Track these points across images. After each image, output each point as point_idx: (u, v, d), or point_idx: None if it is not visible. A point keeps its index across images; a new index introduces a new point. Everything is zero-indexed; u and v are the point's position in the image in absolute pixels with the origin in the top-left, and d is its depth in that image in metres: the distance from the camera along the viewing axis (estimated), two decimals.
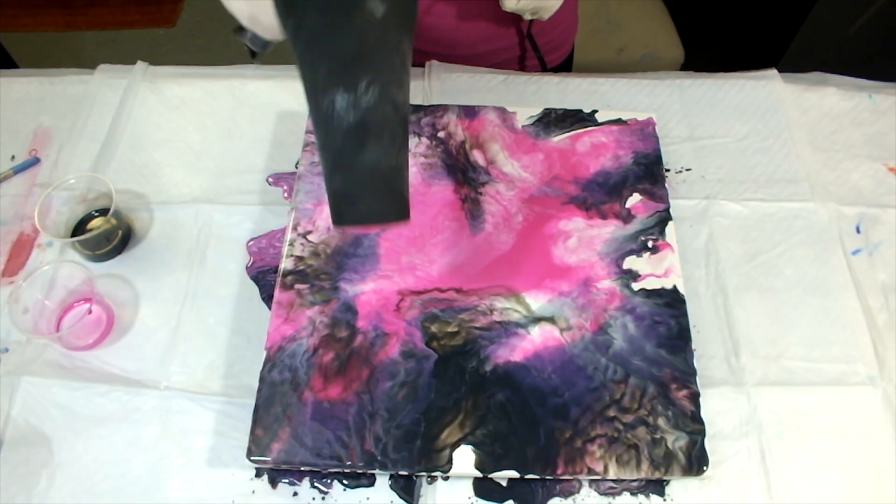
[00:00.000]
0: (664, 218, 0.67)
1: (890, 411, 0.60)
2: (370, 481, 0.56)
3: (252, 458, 0.54)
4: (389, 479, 0.56)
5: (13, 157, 0.74)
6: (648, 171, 0.70)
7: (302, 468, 0.55)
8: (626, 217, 0.67)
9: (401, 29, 0.43)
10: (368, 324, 0.60)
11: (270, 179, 0.72)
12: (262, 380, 0.57)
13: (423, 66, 0.81)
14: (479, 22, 0.80)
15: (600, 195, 0.68)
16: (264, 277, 0.66)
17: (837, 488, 0.57)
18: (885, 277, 0.67)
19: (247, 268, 0.67)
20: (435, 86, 0.79)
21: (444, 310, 0.61)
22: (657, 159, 0.70)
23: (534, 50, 0.81)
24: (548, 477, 0.55)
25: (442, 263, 0.64)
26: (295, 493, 0.56)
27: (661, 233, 0.66)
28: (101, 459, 0.57)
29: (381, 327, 0.60)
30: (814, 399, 0.60)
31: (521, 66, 0.88)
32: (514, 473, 0.54)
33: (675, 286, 0.63)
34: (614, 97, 0.79)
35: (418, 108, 0.73)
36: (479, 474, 0.54)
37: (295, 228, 0.65)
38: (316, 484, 0.56)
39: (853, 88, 0.80)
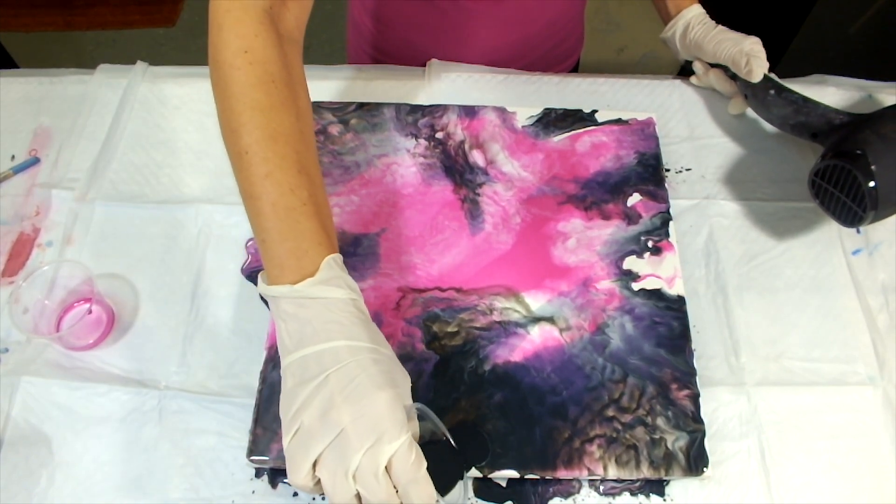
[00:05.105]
0: (665, 219, 0.67)
1: (890, 411, 0.60)
2: None
3: (252, 458, 0.54)
4: None
5: (13, 157, 0.74)
6: (649, 172, 0.70)
7: None
8: (633, 217, 0.67)
9: None
10: None
11: None
12: (262, 380, 0.57)
13: (424, 65, 0.81)
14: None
15: (601, 194, 0.68)
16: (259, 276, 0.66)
17: (837, 488, 0.57)
18: (885, 277, 0.67)
19: (242, 268, 0.67)
20: (435, 86, 0.79)
21: (445, 309, 0.61)
22: (657, 159, 0.70)
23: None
24: (547, 477, 0.55)
25: (442, 263, 0.64)
26: (295, 494, 0.56)
27: (665, 234, 0.66)
28: (101, 459, 0.57)
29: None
30: (814, 399, 0.60)
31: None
32: (513, 473, 0.54)
33: (674, 287, 0.63)
34: (614, 97, 0.79)
35: (417, 108, 0.73)
36: (479, 474, 0.54)
37: None
38: None
39: (853, 88, 0.80)
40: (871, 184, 0.58)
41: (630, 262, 0.64)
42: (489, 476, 0.55)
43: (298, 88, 0.49)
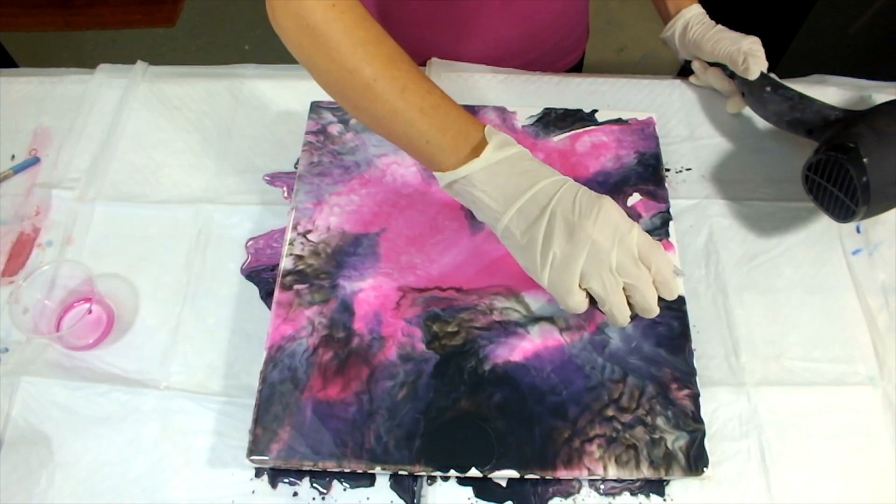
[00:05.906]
0: (665, 218, 0.67)
1: (890, 411, 0.60)
2: (370, 481, 0.56)
3: (252, 457, 0.54)
4: (389, 478, 0.56)
5: (13, 157, 0.74)
6: (649, 171, 0.70)
7: (302, 468, 0.55)
8: (633, 217, 0.66)
9: None
10: (365, 326, 0.60)
11: (267, 178, 0.72)
12: (262, 380, 0.57)
13: (425, 65, 0.81)
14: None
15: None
16: (258, 276, 0.66)
17: (837, 488, 0.57)
18: (885, 277, 0.67)
19: (242, 268, 0.67)
20: None
21: (445, 309, 0.61)
22: (657, 159, 0.70)
23: None
24: (547, 477, 0.55)
25: (442, 263, 0.64)
26: (295, 494, 0.56)
27: (665, 234, 0.66)
28: (101, 459, 0.57)
29: (377, 330, 0.60)
30: (814, 399, 0.60)
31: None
32: (513, 473, 0.54)
33: None
34: (614, 97, 0.79)
35: None
36: (479, 474, 0.54)
37: (295, 228, 0.65)
38: (316, 484, 0.56)
39: (853, 88, 0.80)
40: (864, 178, 0.58)
41: None
42: (489, 476, 0.55)
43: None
